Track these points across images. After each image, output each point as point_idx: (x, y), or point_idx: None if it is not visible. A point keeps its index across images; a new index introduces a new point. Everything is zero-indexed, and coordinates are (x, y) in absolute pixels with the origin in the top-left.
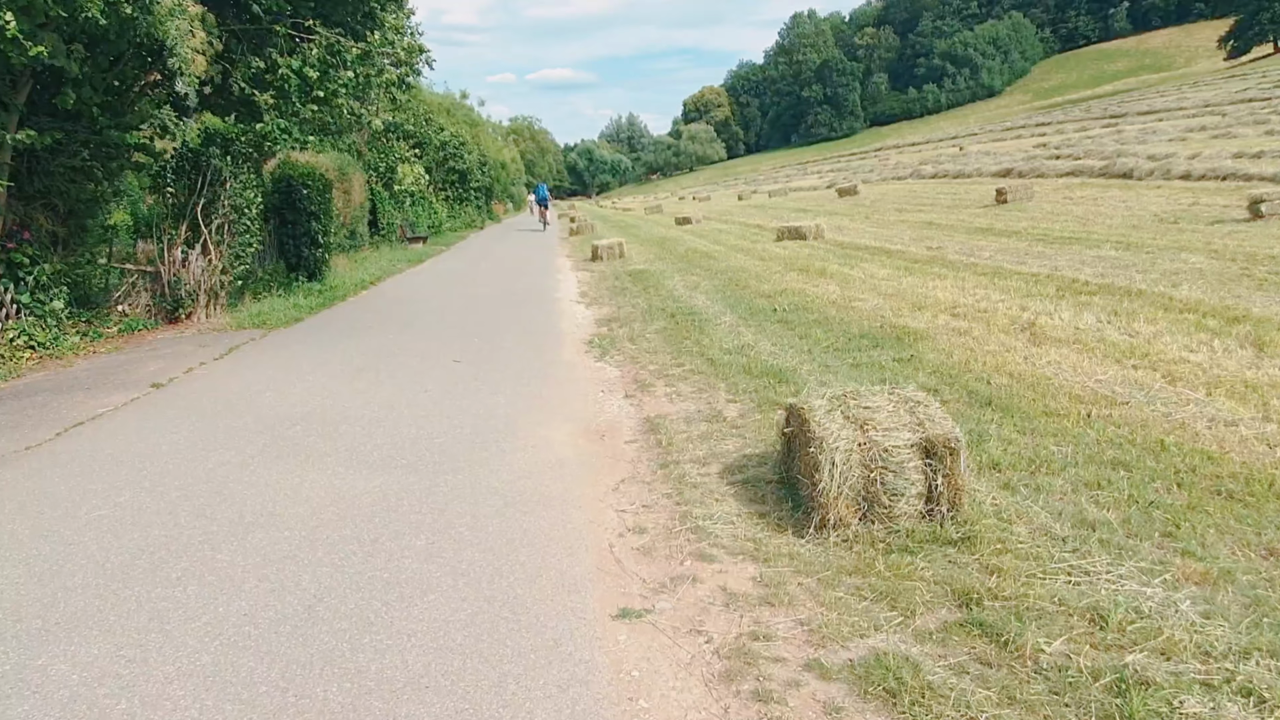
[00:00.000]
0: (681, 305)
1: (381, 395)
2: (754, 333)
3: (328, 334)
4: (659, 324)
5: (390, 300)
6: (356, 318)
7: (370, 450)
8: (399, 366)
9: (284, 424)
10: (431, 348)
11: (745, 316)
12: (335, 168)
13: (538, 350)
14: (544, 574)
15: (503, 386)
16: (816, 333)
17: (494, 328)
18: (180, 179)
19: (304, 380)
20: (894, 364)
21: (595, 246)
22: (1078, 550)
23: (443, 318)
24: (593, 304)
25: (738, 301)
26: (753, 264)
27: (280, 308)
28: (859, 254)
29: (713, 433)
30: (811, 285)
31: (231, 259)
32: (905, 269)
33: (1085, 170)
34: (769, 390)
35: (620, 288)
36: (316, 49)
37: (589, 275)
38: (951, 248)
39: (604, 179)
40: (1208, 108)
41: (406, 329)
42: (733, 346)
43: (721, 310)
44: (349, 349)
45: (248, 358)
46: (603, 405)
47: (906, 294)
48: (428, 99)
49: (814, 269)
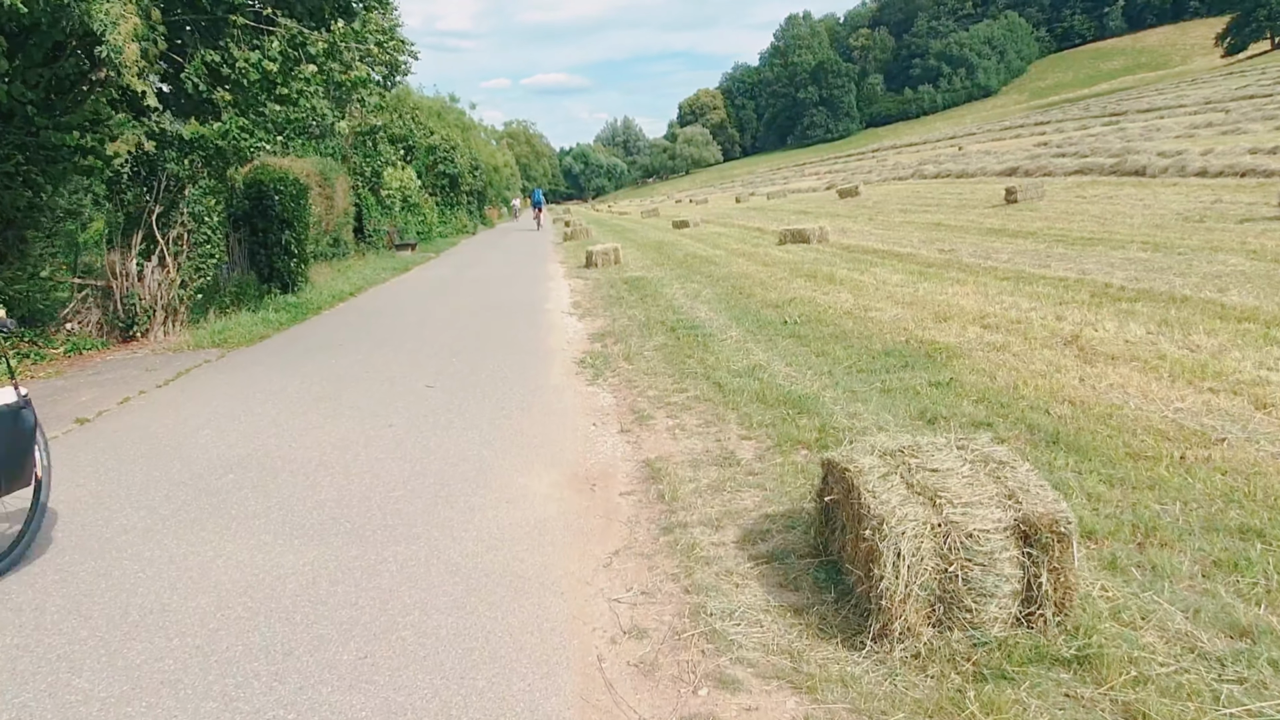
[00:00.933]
0: (682, 317)
1: (337, 432)
2: (764, 350)
3: (292, 354)
4: (658, 339)
5: (368, 313)
6: (328, 334)
7: (309, 509)
8: (364, 393)
9: (215, 472)
10: (404, 369)
11: (753, 330)
12: (316, 172)
13: (523, 372)
14: (509, 711)
15: (480, 419)
16: (835, 349)
17: (477, 344)
18: (136, 185)
19: (252, 413)
20: (930, 389)
21: (590, 252)
22: (1245, 680)
23: (421, 333)
24: (586, 316)
25: (743, 312)
26: (756, 270)
27: (246, 324)
28: (867, 258)
29: (726, 481)
30: (821, 293)
31: (191, 271)
32: (919, 274)
33: (1094, 168)
34: (789, 423)
35: (616, 297)
36: (278, 41)
37: (583, 283)
38: (965, 250)
39: (599, 183)
40: (1209, 105)
41: (380, 347)
42: (742, 367)
43: (726, 323)
44: (311, 372)
45: (196, 384)
46: (594, 443)
47: (926, 302)
48: (417, 102)
49: (822, 275)
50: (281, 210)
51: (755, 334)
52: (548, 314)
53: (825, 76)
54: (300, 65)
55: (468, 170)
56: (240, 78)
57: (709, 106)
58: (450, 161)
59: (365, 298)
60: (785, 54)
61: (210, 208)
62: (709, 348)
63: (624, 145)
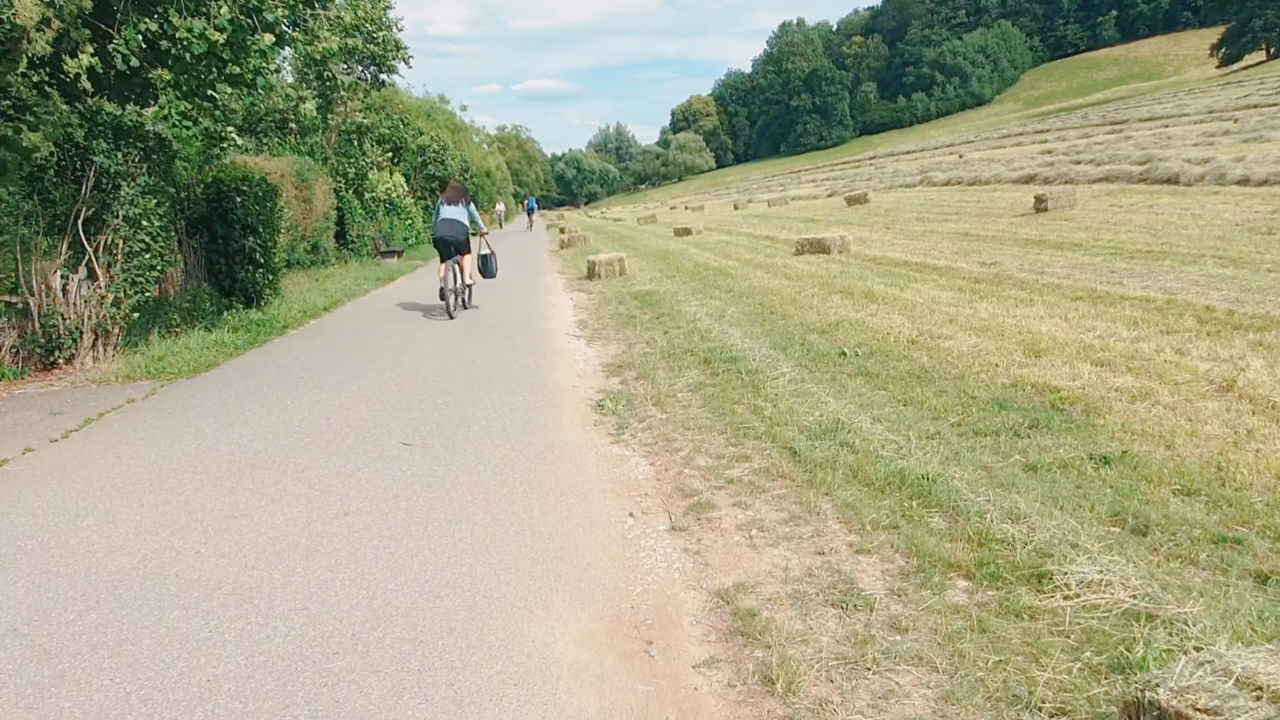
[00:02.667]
0: (714, 344)
1: (271, 525)
2: (832, 394)
3: (240, 390)
4: (691, 374)
5: (342, 334)
6: (290, 362)
7: (188, 700)
8: (320, 455)
9: (68, 609)
10: (377, 415)
11: (807, 364)
12: (292, 172)
13: (526, 420)
14: None
15: (472, 503)
16: (924, 395)
17: (468, 378)
18: (63, 183)
19: (162, 489)
20: (1097, 468)
21: (592, 262)
22: None
23: (401, 361)
24: (596, 338)
25: (785, 339)
26: (780, 284)
27: (195, 348)
28: (901, 271)
29: (862, 646)
30: (868, 314)
31: (126, 286)
32: (970, 291)
33: (1121, 176)
34: (917, 525)
35: (627, 315)
36: (227, 5)
37: (586, 297)
38: (1010, 264)
39: (592, 189)
40: (1213, 114)
41: (350, 381)
42: (815, 423)
43: (769, 352)
44: (257, 419)
45: (104, 438)
46: (637, 551)
47: (1002, 329)
48: (405, 102)
49: (858, 291)
50: (244, 214)
51: (812, 369)
52: (550, 336)
53: (819, 84)
54: (255, 36)
55: (459, 173)
56: (182, 52)
57: (702, 113)
58: (441, 164)
59: (342, 313)
60: (779, 61)
61: (150, 210)
62: (759, 389)
63: (616, 151)
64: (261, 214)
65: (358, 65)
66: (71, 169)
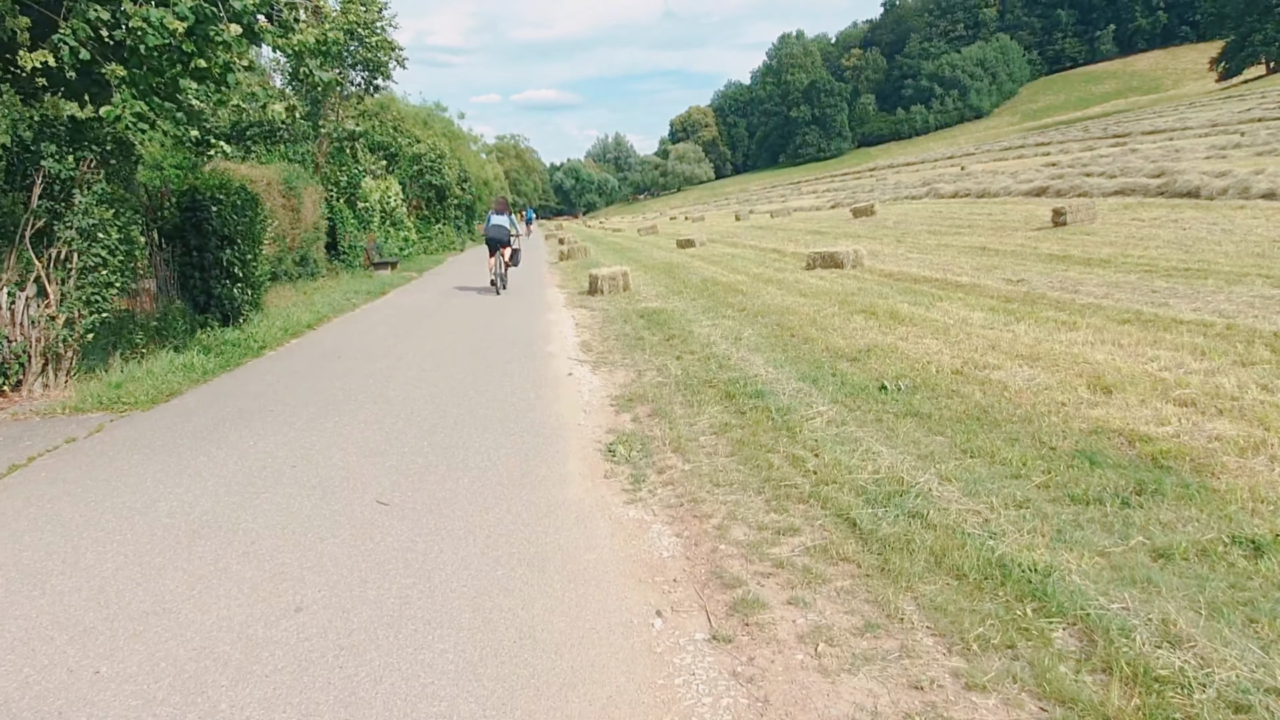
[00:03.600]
0: (734, 373)
1: (198, 630)
2: (882, 440)
3: (199, 426)
4: (712, 411)
5: (323, 355)
6: (262, 390)
7: None
8: (275, 518)
9: None
10: (350, 460)
11: (844, 400)
12: (279, 180)
13: (524, 468)
14: None
15: (457, 595)
16: (989, 442)
17: (459, 411)
18: (11, 189)
19: (72, 570)
20: (1249, 559)
21: (594, 277)
22: None
23: (387, 390)
24: (601, 364)
25: (814, 367)
26: (795, 301)
27: (159, 373)
28: (922, 288)
29: None
30: (898, 338)
31: (81, 305)
32: (1004, 311)
33: (1137, 189)
34: (1038, 644)
35: (634, 336)
36: None
37: (589, 315)
38: (1038, 281)
39: (590, 199)
40: (1217, 127)
41: (326, 414)
42: (871, 480)
43: (798, 384)
44: (211, 466)
45: (21, 493)
46: (669, 675)
47: (1052, 357)
48: (401, 109)
49: (881, 310)
50: (221, 224)
51: (851, 407)
52: (551, 361)
53: (818, 95)
54: (220, 26)
55: (456, 182)
56: (136, 43)
57: (700, 124)
58: (437, 172)
59: (327, 331)
60: (778, 72)
61: (107, 220)
62: (795, 433)
63: (615, 161)
64: (240, 224)
65: (350, 69)
66: (21, 174)
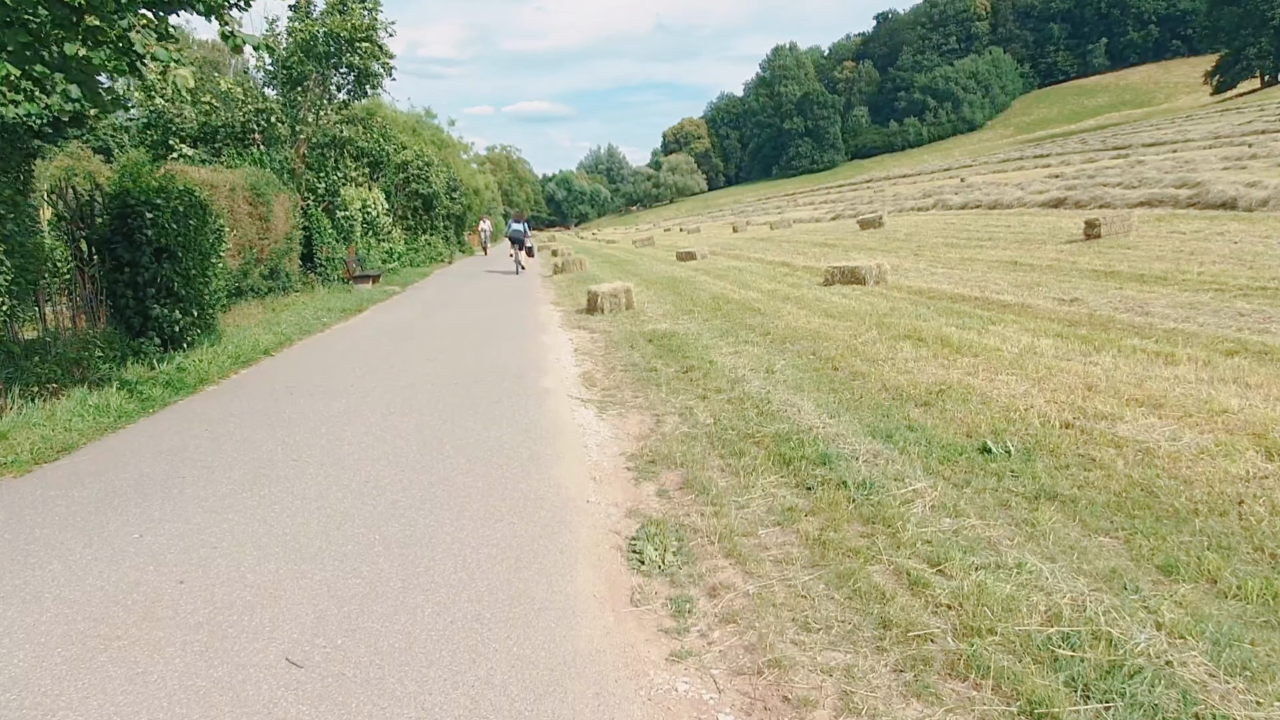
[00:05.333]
0: (780, 422)
1: None
2: (1032, 549)
3: (76, 503)
4: (766, 484)
5: (273, 392)
6: (180, 444)
7: None
8: (126, 697)
9: None
10: (263, 572)
11: (942, 469)
12: (245, 186)
13: (513, 585)
14: None
15: None
16: (1194, 555)
17: (426, 480)
18: None
19: None
20: None
21: (594, 294)
22: None
23: (337, 443)
24: (609, 404)
25: (878, 414)
26: (823, 323)
27: (63, 416)
28: (963, 308)
29: None
30: (963, 371)
31: None
32: (1074, 338)
33: (1165, 200)
34: None
35: (644, 366)
36: None
37: (589, 338)
38: (1094, 300)
39: (583, 210)
40: (1221, 139)
41: (253, 484)
42: (1060, 640)
43: (871, 443)
44: (61, 582)
45: None
46: None
47: (1179, 404)
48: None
49: (927, 335)
50: (157, 234)
51: (957, 483)
52: (547, 399)
53: (811, 107)
54: None
55: (444, 191)
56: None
57: (693, 135)
58: (425, 180)
59: (287, 358)
60: (771, 84)
61: None
62: (895, 530)
63: (608, 173)
64: (182, 234)
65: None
66: None
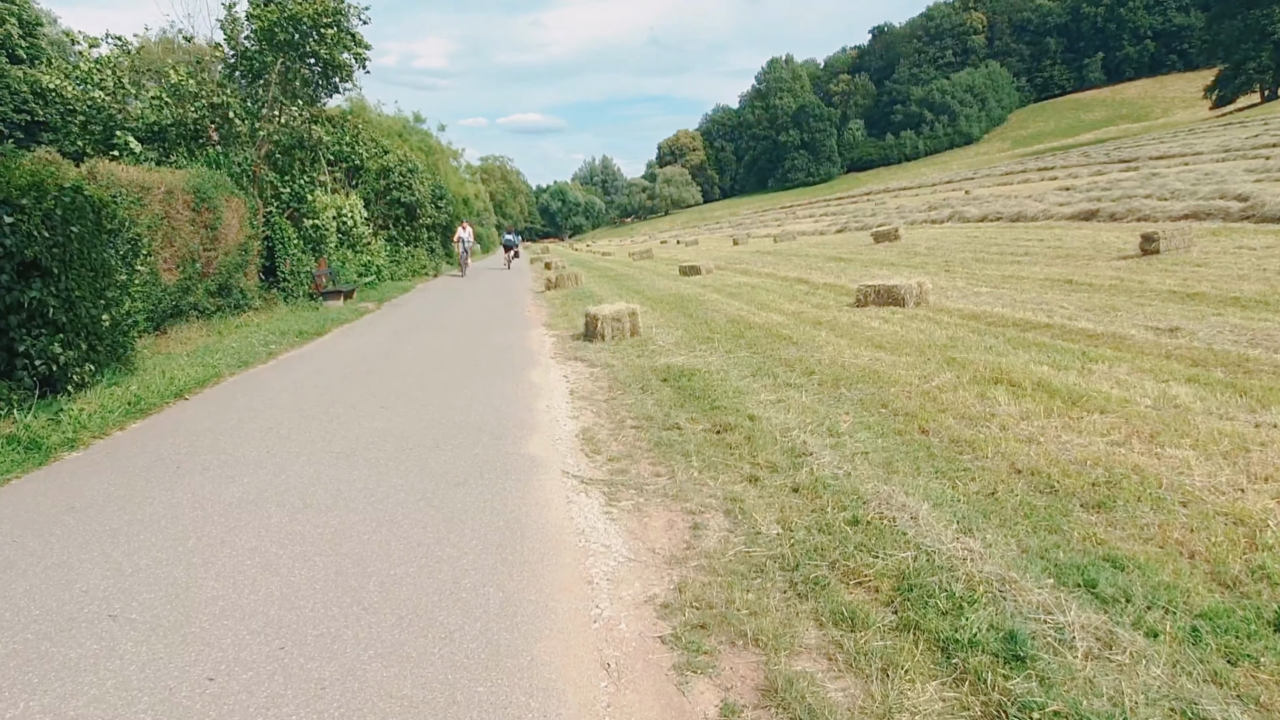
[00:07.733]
0: (897, 545)
1: None
2: None
3: None
4: (924, 700)
5: (151, 466)
6: None
7: None
8: None
9: None
10: None
11: (1202, 664)
12: (187, 188)
13: None
14: None
15: None
16: None
17: (320, 676)
18: None
19: None
20: None
21: (593, 318)
22: None
23: (197, 584)
24: (619, 489)
25: (1035, 524)
26: (876, 358)
27: None
28: (1037, 337)
29: None
30: (1109, 442)
31: None
32: (1214, 384)
33: (1214, 213)
34: None
35: (663, 421)
36: None
37: (589, 375)
38: (1194, 329)
39: (577, 221)
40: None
41: (30, 676)
42: None
43: (1084, 612)
44: None
45: None
46: None
47: None
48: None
49: (1021, 379)
50: (21, 245)
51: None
52: (533, 477)
53: (807, 120)
54: None
55: (429, 199)
56: None
57: (688, 148)
58: (407, 188)
59: (203, 402)
60: (766, 97)
61: None
62: None
63: (602, 184)
64: (59, 244)
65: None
66: None
